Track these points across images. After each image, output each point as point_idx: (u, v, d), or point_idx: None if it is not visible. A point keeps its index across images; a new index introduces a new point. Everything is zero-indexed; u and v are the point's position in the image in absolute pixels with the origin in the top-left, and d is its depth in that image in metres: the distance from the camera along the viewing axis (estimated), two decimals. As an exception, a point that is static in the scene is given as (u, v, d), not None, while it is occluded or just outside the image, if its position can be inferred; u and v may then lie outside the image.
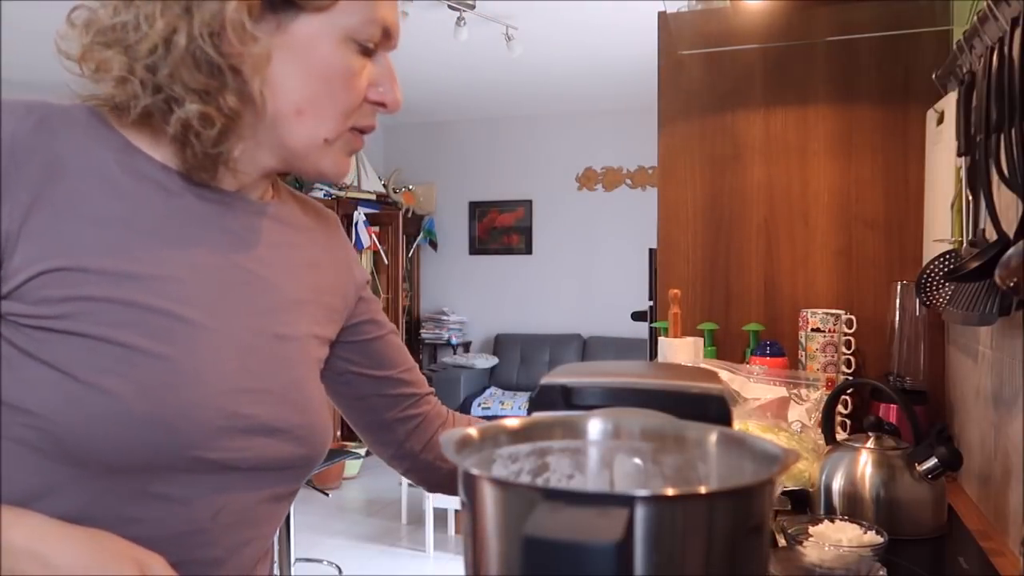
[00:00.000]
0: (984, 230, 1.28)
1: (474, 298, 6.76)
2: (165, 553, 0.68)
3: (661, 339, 1.89)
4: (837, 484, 1.30)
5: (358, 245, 5.70)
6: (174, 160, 0.73)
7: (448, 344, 6.62)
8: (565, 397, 0.64)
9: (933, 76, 1.65)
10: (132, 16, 0.68)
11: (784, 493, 1.38)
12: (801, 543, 1.10)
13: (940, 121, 1.66)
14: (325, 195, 5.65)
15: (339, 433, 5.79)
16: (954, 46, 1.45)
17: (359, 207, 5.80)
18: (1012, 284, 1.05)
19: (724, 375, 1.66)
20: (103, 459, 0.65)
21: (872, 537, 1.11)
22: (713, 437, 0.56)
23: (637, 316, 4.26)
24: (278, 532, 3.12)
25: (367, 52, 0.75)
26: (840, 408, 1.70)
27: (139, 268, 0.69)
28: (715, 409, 0.62)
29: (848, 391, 1.73)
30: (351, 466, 5.30)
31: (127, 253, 0.69)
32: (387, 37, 0.76)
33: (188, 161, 0.72)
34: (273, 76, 0.71)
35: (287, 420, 0.76)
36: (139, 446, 0.66)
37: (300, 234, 0.86)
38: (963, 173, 1.37)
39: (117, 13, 0.68)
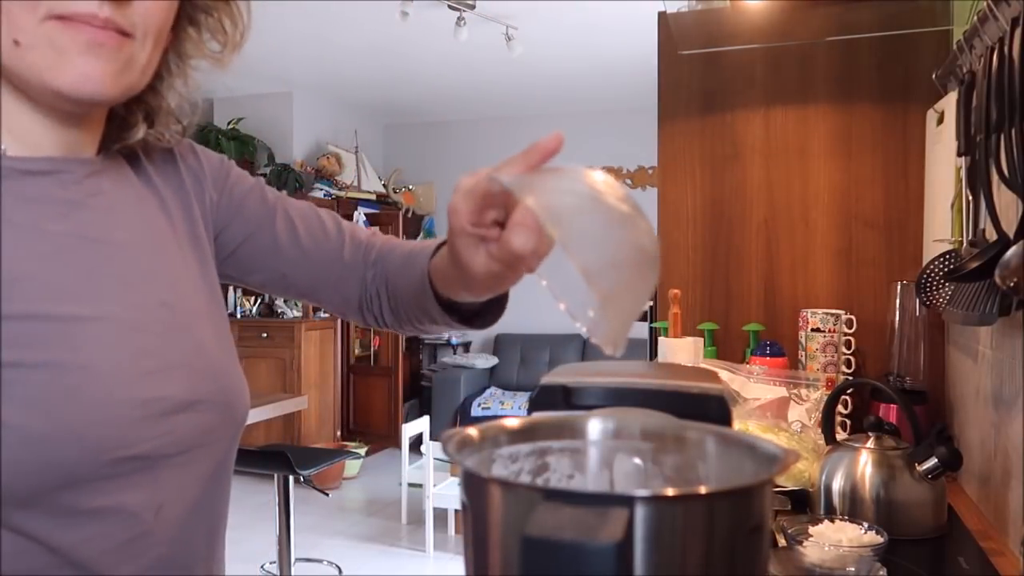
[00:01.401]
0: (984, 230, 1.28)
1: (474, 298, 6.75)
2: (117, 565, 0.63)
3: (661, 339, 1.89)
4: (837, 484, 1.30)
5: (358, 245, 5.70)
6: None
7: (448, 344, 6.62)
8: (565, 397, 0.64)
9: (933, 76, 1.65)
10: None
11: (784, 493, 1.38)
12: (801, 543, 1.10)
13: (940, 121, 1.66)
14: (325, 195, 5.66)
15: (339, 433, 5.80)
16: (954, 46, 1.45)
17: (359, 207, 5.81)
18: (1012, 284, 1.05)
19: (724, 375, 1.66)
20: (14, 493, 0.57)
21: (872, 537, 1.11)
22: (713, 437, 0.56)
23: (637, 316, 4.25)
24: (278, 532, 3.09)
25: None
26: (840, 408, 1.70)
27: None
28: (715, 409, 0.62)
29: (848, 391, 1.73)
30: (351, 466, 5.30)
31: None
32: None
33: None
34: None
35: (200, 390, 0.69)
36: (52, 467, 0.58)
37: (144, 180, 0.76)
38: (963, 173, 1.37)
39: None
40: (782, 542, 1.12)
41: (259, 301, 5.64)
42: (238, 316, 5.51)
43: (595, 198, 0.55)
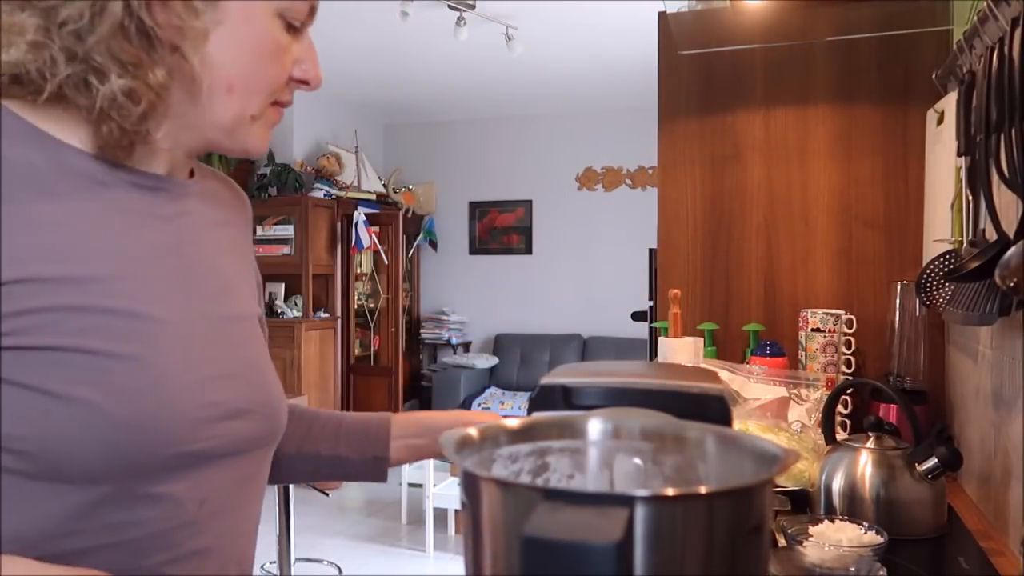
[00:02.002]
0: (984, 230, 1.28)
1: (474, 298, 6.76)
2: (157, 551, 0.68)
3: (661, 339, 1.89)
4: (837, 484, 1.30)
5: (358, 245, 5.71)
6: (89, 142, 0.69)
7: (448, 344, 6.62)
8: (565, 397, 0.64)
9: (933, 76, 1.65)
10: None
11: (784, 493, 1.38)
12: (801, 543, 1.10)
13: (940, 121, 1.66)
14: (325, 195, 5.65)
15: (339, 433, 5.79)
16: (954, 46, 1.45)
17: (359, 207, 5.80)
18: (1012, 284, 1.05)
19: (724, 375, 1.66)
20: (87, 470, 0.64)
21: (872, 537, 1.11)
22: (713, 437, 0.56)
23: (637, 316, 4.26)
24: (279, 532, 3.08)
25: (292, 29, 0.74)
26: (840, 408, 1.70)
27: (89, 270, 0.66)
28: (715, 409, 0.62)
29: (848, 391, 1.73)
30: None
31: (73, 256, 0.66)
32: (311, 15, 0.76)
33: (104, 138, 0.68)
34: (207, 51, 0.69)
35: (251, 400, 0.76)
36: (123, 451, 0.65)
37: (221, 211, 0.85)
38: (963, 173, 1.37)
39: None
40: (782, 542, 1.12)
41: (259, 301, 5.63)
42: (238, 316, 5.49)
43: None
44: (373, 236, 5.81)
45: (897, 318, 1.81)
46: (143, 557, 0.68)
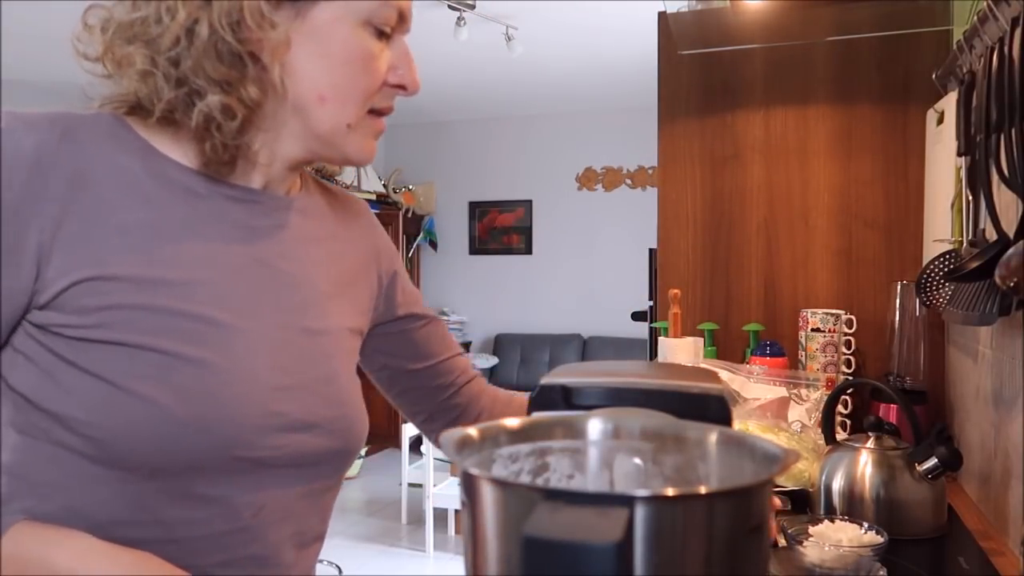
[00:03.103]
0: (984, 230, 1.28)
1: (474, 298, 6.76)
2: (211, 552, 0.70)
3: (661, 339, 1.89)
4: (837, 484, 1.30)
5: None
6: (196, 159, 0.73)
7: (448, 344, 6.62)
8: (565, 397, 0.64)
9: (933, 76, 1.65)
10: (152, 10, 0.68)
11: (784, 493, 1.38)
12: (801, 543, 1.10)
13: (940, 121, 1.66)
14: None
15: (339, 433, 5.79)
16: (954, 46, 1.45)
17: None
18: (1012, 284, 1.05)
19: (724, 375, 1.66)
20: (146, 462, 0.66)
21: (872, 537, 1.11)
22: (713, 437, 0.56)
23: (637, 316, 4.26)
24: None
25: (383, 36, 0.76)
26: (840, 408, 1.70)
27: (169, 273, 0.69)
28: (715, 409, 0.62)
29: (848, 391, 1.73)
30: (351, 466, 5.30)
31: (157, 259, 0.69)
32: (402, 20, 0.78)
33: (207, 155, 0.72)
34: (294, 63, 0.71)
35: (321, 415, 0.76)
36: (181, 449, 0.67)
37: (325, 226, 0.86)
38: (963, 173, 1.37)
39: (136, 8, 0.69)
40: (782, 542, 1.12)
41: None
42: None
43: None
44: (373, 236, 5.80)
45: (897, 318, 1.81)
46: (195, 556, 0.69)
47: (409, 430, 4.29)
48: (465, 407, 1.00)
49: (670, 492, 0.47)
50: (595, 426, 0.59)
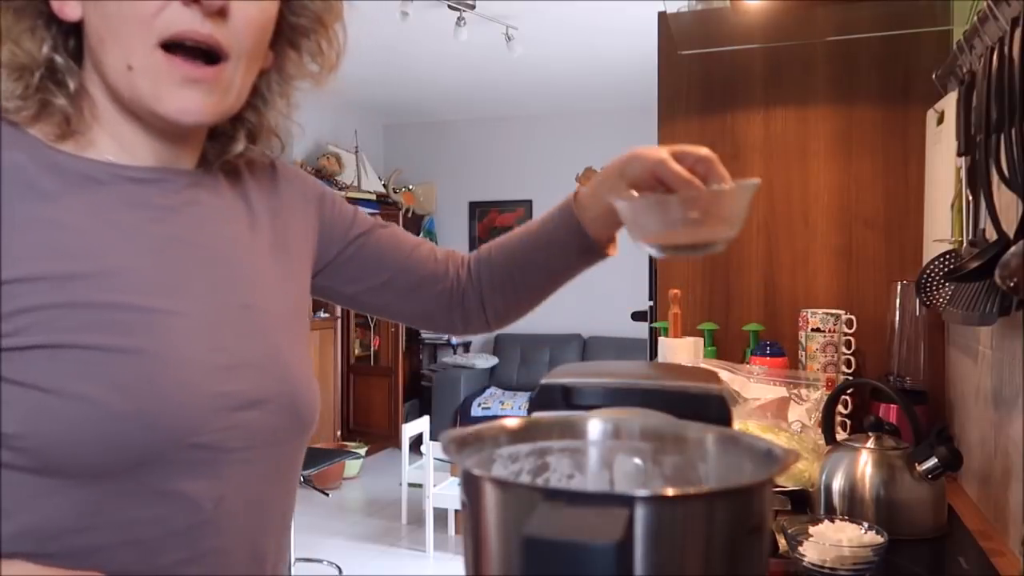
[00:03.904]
0: (984, 230, 1.28)
1: (474, 298, 6.75)
2: (175, 550, 0.67)
3: (661, 339, 1.89)
4: (837, 484, 1.30)
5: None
6: (68, 142, 0.71)
7: (448, 344, 6.62)
8: (565, 397, 0.64)
9: (933, 76, 1.65)
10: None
11: (784, 493, 1.38)
12: (801, 543, 1.10)
13: (940, 121, 1.66)
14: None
15: (339, 433, 5.79)
16: (954, 46, 1.45)
17: (359, 207, 5.80)
18: (1012, 284, 1.05)
19: (724, 375, 1.66)
20: (92, 465, 0.64)
21: (872, 537, 1.11)
22: (713, 437, 0.56)
23: (637, 316, 4.25)
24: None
25: None
26: (840, 408, 1.70)
27: (82, 266, 0.66)
28: (715, 409, 0.62)
29: (848, 391, 1.73)
30: (351, 466, 5.30)
31: (66, 253, 0.66)
32: None
33: (47, 124, 0.69)
34: (86, 12, 0.68)
35: (270, 389, 0.74)
36: (127, 446, 0.64)
37: (239, 192, 0.82)
38: (963, 173, 1.37)
39: None
40: (782, 542, 1.12)
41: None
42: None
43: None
44: (373, 236, 5.80)
45: (897, 318, 1.81)
46: (158, 556, 0.67)
47: (409, 430, 4.29)
48: (464, 279, 0.98)
49: (670, 492, 0.47)
50: (595, 426, 0.59)
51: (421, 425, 4.38)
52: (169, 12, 0.65)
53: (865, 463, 1.29)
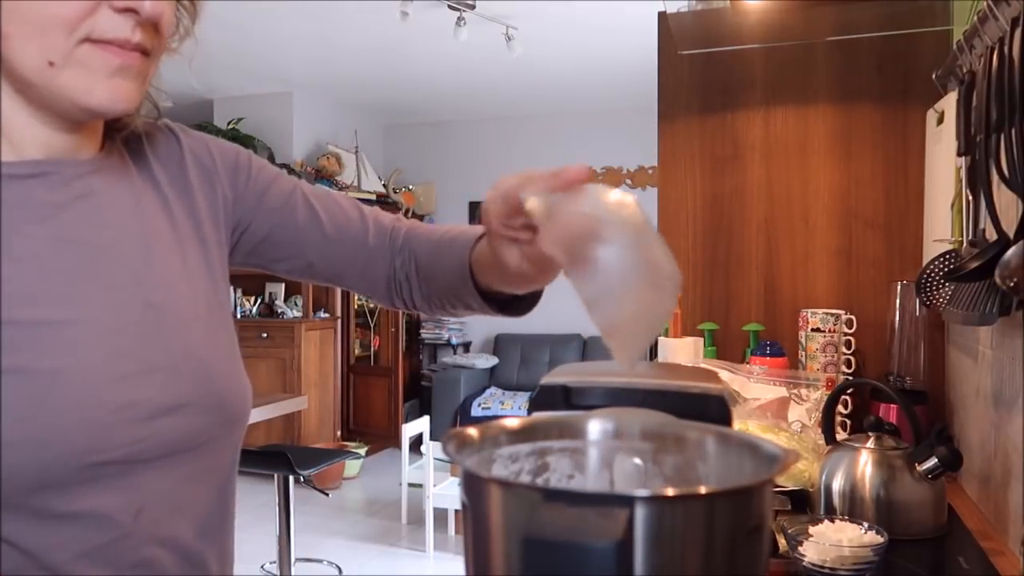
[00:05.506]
0: (984, 230, 1.28)
1: (474, 298, 6.75)
2: (91, 569, 0.63)
3: (661, 339, 1.89)
4: (837, 484, 1.30)
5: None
6: None
7: (448, 344, 6.62)
8: (565, 397, 0.64)
9: (933, 76, 1.65)
10: None
11: (784, 493, 1.38)
12: (801, 543, 1.10)
13: (940, 121, 1.66)
14: (325, 195, 5.64)
15: (339, 433, 5.80)
16: (954, 46, 1.45)
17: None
18: (1012, 284, 1.05)
19: (724, 375, 1.66)
20: None
21: (872, 537, 1.11)
22: (713, 437, 0.56)
23: (637, 316, 4.25)
24: (279, 532, 3.08)
25: None
26: (840, 408, 1.70)
27: None
28: (715, 409, 0.62)
29: (848, 391, 1.73)
30: (351, 466, 5.30)
31: None
32: None
33: None
34: None
35: (186, 393, 0.68)
36: (18, 472, 0.59)
37: (146, 175, 0.75)
38: (963, 173, 1.37)
39: None
40: (782, 542, 1.12)
41: (259, 301, 5.64)
42: (238, 316, 5.50)
43: (610, 223, 0.56)
44: (373, 236, 5.79)
45: (897, 318, 1.81)
46: None
47: (409, 430, 4.29)
48: (398, 271, 0.87)
49: (670, 492, 0.47)
50: (595, 426, 0.59)
51: (421, 425, 4.38)
52: (98, 19, 0.62)
53: (865, 463, 1.29)
